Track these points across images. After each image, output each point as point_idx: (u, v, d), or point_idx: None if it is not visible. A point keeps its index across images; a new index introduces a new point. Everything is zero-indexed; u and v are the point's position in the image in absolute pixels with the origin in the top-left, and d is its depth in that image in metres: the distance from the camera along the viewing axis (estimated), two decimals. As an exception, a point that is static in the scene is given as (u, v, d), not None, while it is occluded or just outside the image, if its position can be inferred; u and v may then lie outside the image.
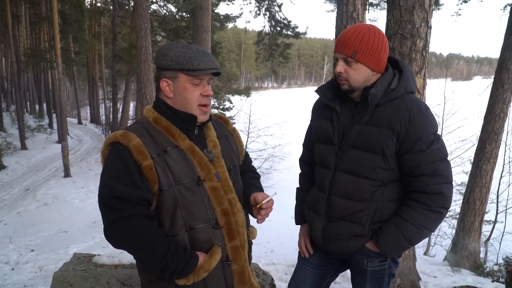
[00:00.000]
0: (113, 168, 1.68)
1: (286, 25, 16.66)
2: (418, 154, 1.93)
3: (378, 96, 1.96)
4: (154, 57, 1.81)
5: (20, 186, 14.58)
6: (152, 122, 1.79)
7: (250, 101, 21.65)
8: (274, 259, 6.37)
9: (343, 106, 2.12)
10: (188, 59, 1.69)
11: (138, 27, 11.13)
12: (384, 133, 1.95)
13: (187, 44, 1.75)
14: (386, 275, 2.19)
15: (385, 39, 2.00)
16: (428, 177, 1.93)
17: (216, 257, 1.74)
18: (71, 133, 27.24)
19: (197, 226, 1.73)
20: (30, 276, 6.61)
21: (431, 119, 1.98)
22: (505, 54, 7.71)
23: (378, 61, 1.97)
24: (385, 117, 1.96)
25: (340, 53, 1.99)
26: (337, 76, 2.04)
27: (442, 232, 12.92)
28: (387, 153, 1.96)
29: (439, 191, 1.94)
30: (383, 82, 1.99)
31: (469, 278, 6.32)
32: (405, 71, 2.05)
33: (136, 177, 1.64)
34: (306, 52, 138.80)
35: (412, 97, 2.02)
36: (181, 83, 1.74)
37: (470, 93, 16.52)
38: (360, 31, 1.95)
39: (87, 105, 44.98)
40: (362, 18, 5.65)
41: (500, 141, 7.99)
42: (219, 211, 1.77)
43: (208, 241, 1.75)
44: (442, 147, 1.97)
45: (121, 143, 1.68)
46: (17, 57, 23.70)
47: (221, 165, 1.83)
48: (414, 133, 1.92)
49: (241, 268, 1.84)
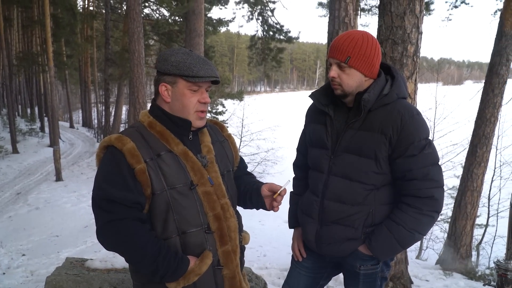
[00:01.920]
0: (107, 171, 1.70)
1: (279, 29, 16.74)
2: (410, 158, 1.96)
3: (370, 101, 1.98)
4: (155, 61, 1.82)
5: (11, 190, 14.45)
6: (147, 127, 1.80)
7: (243, 105, 21.71)
8: (267, 263, 6.36)
9: (336, 111, 2.14)
10: (188, 66, 1.71)
11: (131, 31, 11.12)
12: (376, 138, 1.97)
13: (189, 51, 1.77)
14: (379, 278, 2.21)
15: (378, 45, 2.04)
16: (419, 181, 1.96)
17: (207, 261, 1.74)
18: (63, 137, 27.07)
19: (189, 230, 1.74)
20: (22, 281, 6.55)
21: (423, 124, 2.01)
22: (495, 59, 7.78)
23: (371, 66, 2.00)
24: (377, 122, 1.98)
25: (334, 58, 2.01)
26: (330, 81, 2.06)
27: (434, 236, 12.98)
28: (380, 157, 1.99)
29: (431, 195, 1.96)
30: (376, 87, 2.01)
31: (461, 281, 6.35)
32: (397, 77, 2.09)
33: (129, 180, 1.65)
34: (298, 57, 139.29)
35: (404, 102, 2.05)
36: (179, 89, 1.75)
37: (461, 97, 16.65)
38: (354, 37, 1.98)
39: (79, 109, 44.77)
40: (354, 23, 5.69)
41: (491, 145, 8.04)
42: (211, 216, 1.78)
43: (199, 245, 1.76)
44: (434, 152, 2.00)
45: (115, 147, 1.70)
46: (9, 61, 23.58)
47: (215, 170, 1.85)
48: (406, 138, 1.94)
49: (232, 273, 1.85)
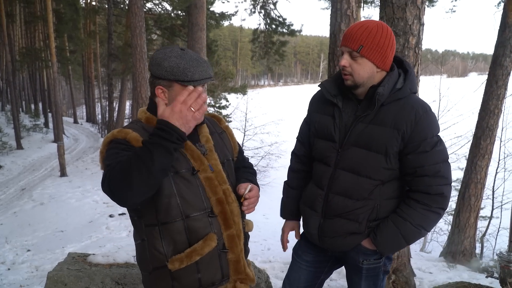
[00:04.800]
0: (111, 154, 1.68)
1: (282, 22, 16.65)
2: (422, 155, 1.94)
3: (385, 95, 1.95)
4: (148, 63, 1.82)
5: (16, 186, 14.52)
6: (145, 122, 1.84)
7: (246, 99, 21.67)
8: (270, 257, 6.38)
9: (345, 103, 2.11)
10: (182, 71, 1.71)
11: (133, 25, 11.11)
12: (388, 133, 1.95)
13: (181, 52, 1.76)
14: (381, 272, 2.21)
15: (393, 36, 1.98)
16: (430, 178, 1.95)
17: (210, 243, 1.77)
18: (67, 132, 27.15)
19: (193, 214, 1.75)
20: (26, 276, 6.59)
21: (435, 120, 2.00)
22: (499, 50, 7.74)
23: (383, 57, 1.96)
24: (390, 117, 1.95)
25: (346, 46, 1.96)
26: (341, 70, 2.03)
27: (438, 228, 12.98)
28: (390, 152, 1.97)
29: (441, 192, 1.96)
30: (390, 81, 1.98)
31: (465, 274, 6.35)
32: (410, 71, 2.05)
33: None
34: (302, 50, 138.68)
35: (417, 97, 2.03)
36: (175, 92, 1.75)
37: (465, 89, 16.58)
38: (368, 26, 1.93)
39: (83, 104, 44.88)
40: (356, 16, 5.65)
41: (494, 137, 8.02)
42: (214, 200, 1.81)
43: (204, 228, 1.78)
44: (444, 148, 1.99)
45: (118, 138, 1.72)
46: (12, 57, 23.59)
47: (214, 158, 1.87)
48: (419, 134, 1.92)
49: (237, 257, 1.87)
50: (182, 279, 1.77)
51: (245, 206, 1.90)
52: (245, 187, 1.90)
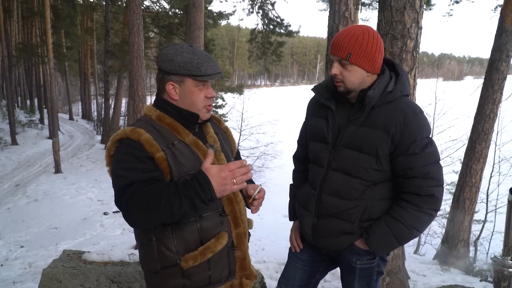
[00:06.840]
0: (125, 161, 1.70)
1: (279, 23, 16.68)
2: (411, 157, 1.96)
3: (375, 98, 1.98)
4: (157, 60, 1.84)
5: (10, 181, 14.45)
6: (156, 120, 1.84)
7: (243, 99, 21.69)
8: (265, 257, 6.38)
9: (338, 106, 2.14)
10: (196, 65, 1.75)
11: (130, 23, 11.06)
12: (379, 135, 1.97)
13: (191, 48, 1.79)
14: (375, 273, 2.23)
15: (380, 40, 2.01)
16: (420, 179, 1.97)
17: (222, 241, 1.82)
18: (62, 129, 27.04)
19: (206, 214, 1.79)
20: (19, 273, 6.57)
21: (425, 123, 2.02)
22: (495, 54, 7.77)
23: (372, 62, 1.99)
24: (380, 119, 1.98)
25: (335, 55, 2.00)
26: (333, 78, 2.06)
27: (432, 231, 13.03)
28: (381, 154, 1.99)
29: (431, 193, 1.98)
30: (380, 84, 2.01)
31: (458, 277, 6.37)
32: (402, 74, 2.07)
33: (152, 167, 1.69)
34: (299, 51, 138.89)
35: (408, 100, 2.05)
36: (187, 87, 1.79)
37: (461, 93, 16.62)
38: (354, 33, 1.95)
39: (78, 101, 44.62)
40: (354, 18, 5.66)
41: (490, 141, 8.05)
42: (225, 199, 1.85)
43: (215, 227, 1.82)
44: (435, 150, 2.01)
45: (131, 139, 1.72)
46: (8, 52, 23.50)
47: (222, 158, 1.91)
48: (408, 136, 1.95)
49: (243, 255, 1.93)
50: (193, 276, 1.80)
51: (254, 206, 1.96)
52: (254, 187, 1.95)
